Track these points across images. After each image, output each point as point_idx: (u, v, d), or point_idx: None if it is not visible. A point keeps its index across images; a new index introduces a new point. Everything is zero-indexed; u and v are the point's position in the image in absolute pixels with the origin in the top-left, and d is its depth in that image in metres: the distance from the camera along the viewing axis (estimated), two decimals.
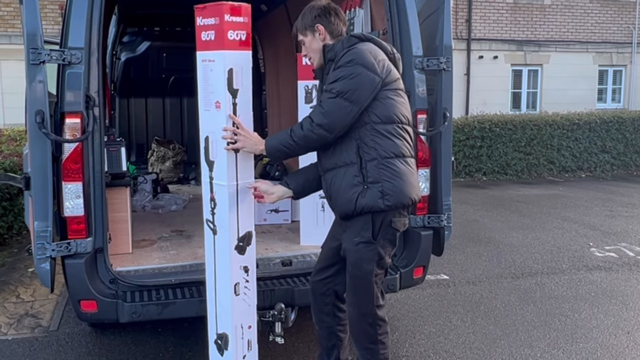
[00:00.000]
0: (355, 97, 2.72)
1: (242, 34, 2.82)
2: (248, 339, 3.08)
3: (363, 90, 2.73)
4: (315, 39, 2.94)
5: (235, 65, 2.82)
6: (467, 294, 5.06)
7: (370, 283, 2.91)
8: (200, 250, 4.12)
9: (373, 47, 2.87)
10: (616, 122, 12.40)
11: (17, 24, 12.27)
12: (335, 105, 2.72)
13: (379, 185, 2.78)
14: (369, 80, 2.74)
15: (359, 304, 2.97)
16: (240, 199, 2.96)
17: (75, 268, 3.15)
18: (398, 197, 2.81)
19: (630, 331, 4.30)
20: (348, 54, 2.78)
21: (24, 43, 2.90)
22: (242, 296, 3.04)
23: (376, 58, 2.80)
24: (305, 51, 3.03)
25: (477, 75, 15.30)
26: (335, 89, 2.73)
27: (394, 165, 2.81)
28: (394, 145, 2.83)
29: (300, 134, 2.78)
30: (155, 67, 7.56)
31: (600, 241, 6.86)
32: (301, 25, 2.98)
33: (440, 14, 3.58)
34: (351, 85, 2.71)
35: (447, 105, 3.58)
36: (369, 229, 2.83)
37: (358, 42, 2.86)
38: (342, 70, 2.75)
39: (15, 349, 4.02)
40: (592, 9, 16.30)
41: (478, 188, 10.69)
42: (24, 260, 5.83)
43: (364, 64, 2.74)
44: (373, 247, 2.85)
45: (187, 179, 7.40)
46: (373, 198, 2.78)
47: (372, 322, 2.95)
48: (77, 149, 3.08)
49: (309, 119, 2.78)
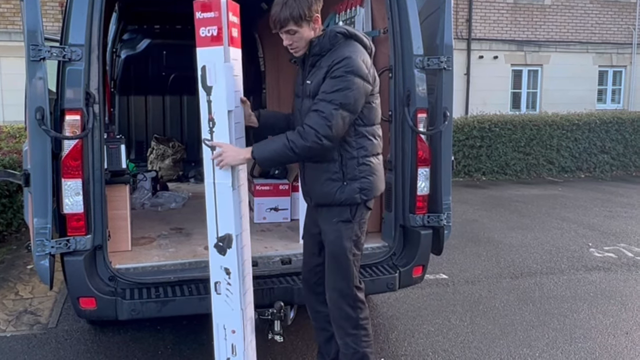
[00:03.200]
0: (354, 107, 2.81)
1: (213, 29, 2.76)
2: (232, 343, 3.03)
3: (360, 101, 2.83)
4: (310, 29, 2.86)
5: (207, 62, 2.79)
6: (466, 294, 5.06)
7: (348, 261, 2.97)
8: (199, 248, 4.12)
9: (360, 49, 2.87)
10: (616, 122, 12.41)
11: (17, 21, 12.26)
12: (339, 116, 2.75)
13: (358, 182, 2.92)
14: (365, 90, 2.83)
15: (339, 285, 3.00)
16: (219, 200, 2.91)
17: (75, 265, 3.14)
18: (373, 192, 2.99)
19: (629, 331, 4.30)
20: (344, 63, 2.75)
21: (24, 40, 2.90)
22: (224, 297, 2.99)
23: (367, 65, 2.84)
24: (291, 41, 2.88)
25: (477, 75, 15.31)
26: (337, 101, 2.74)
27: (371, 163, 2.96)
28: (372, 145, 2.96)
29: (304, 145, 2.76)
30: (155, 65, 7.55)
31: (599, 241, 6.86)
32: (296, 15, 2.78)
33: (441, 13, 3.57)
34: (352, 98, 2.77)
35: (447, 105, 3.57)
36: (346, 212, 2.95)
37: (343, 39, 2.87)
38: (341, 81, 2.75)
39: (14, 345, 4.01)
40: (592, 10, 16.30)
41: (477, 188, 10.70)
42: (23, 257, 5.83)
43: (360, 75, 2.78)
44: (351, 225, 2.96)
45: (186, 176, 7.39)
46: (351, 194, 2.91)
47: (353, 305, 3.00)
48: (76, 146, 3.08)
49: (312, 130, 2.74)
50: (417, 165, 3.64)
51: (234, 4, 2.85)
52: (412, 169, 3.63)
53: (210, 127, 2.89)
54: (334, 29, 2.90)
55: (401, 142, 3.67)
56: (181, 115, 7.91)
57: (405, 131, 3.64)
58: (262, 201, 4.88)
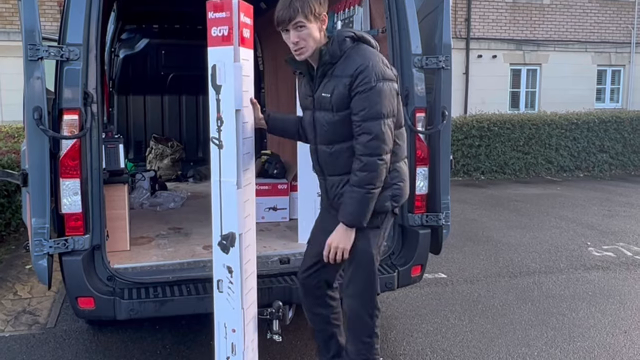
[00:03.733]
0: (393, 110, 2.73)
1: (224, 29, 2.76)
2: (232, 342, 3.01)
3: (395, 102, 2.75)
4: (318, 29, 2.71)
5: (218, 61, 2.80)
6: (464, 293, 5.07)
7: (374, 269, 2.93)
8: (198, 247, 4.13)
9: (372, 51, 2.77)
10: (614, 122, 12.42)
11: (15, 21, 12.24)
12: (387, 127, 2.68)
13: (389, 189, 2.83)
14: (395, 90, 2.75)
15: (362, 294, 2.95)
16: (224, 198, 2.89)
17: (73, 265, 3.14)
18: (403, 198, 2.93)
19: (628, 330, 4.31)
20: (366, 74, 2.63)
21: (22, 39, 2.90)
22: (226, 295, 2.99)
23: (387, 65, 2.74)
24: (298, 38, 2.71)
25: (476, 74, 15.31)
26: (379, 114, 2.65)
27: (400, 169, 2.88)
28: (400, 149, 2.88)
29: (374, 176, 2.67)
30: (153, 65, 7.54)
31: (598, 240, 6.87)
32: (306, 8, 2.64)
33: (440, 13, 3.57)
34: (388, 105, 2.68)
35: (445, 104, 3.57)
36: (376, 219, 2.85)
37: (351, 43, 2.75)
38: (373, 94, 2.64)
39: (13, 345, 4.01)
40: (591, 9, 16.31)
41: (476, 187, 10.70)
42: (21, 257, 5.82)
43: (386, 78, 2.69)
44: (379, 232, 2.90)
45: (185, 176, 7.39)
46: (383, 202, 2.82)
47: (372, 313, 2.97)
48: (75, 145, 3.07)
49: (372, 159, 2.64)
50: (416, 165, 3.63)
51: (246, 5, 2.85)
52: (410, 168, 3.61)
53: (218, 125, 2.88)
54: (341, 33, 2.78)
55: None
56: (180, 115, 7.91)
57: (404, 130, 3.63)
58: (261, 201, 4.87)
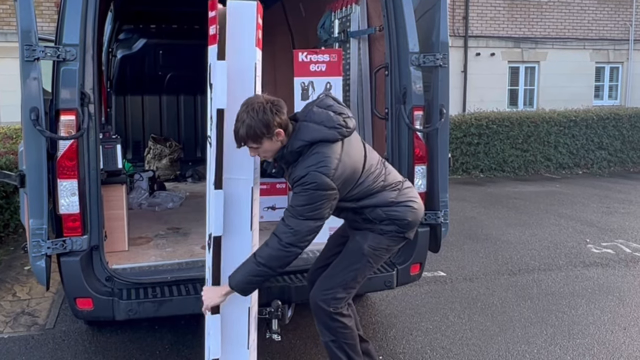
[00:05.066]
0: (319, 215, 2.76)
1: (213, 28, 2.81)
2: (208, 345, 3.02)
3: (326, 209, 2.78)
4: (273, 142, 2.76)
5: (211, 59, 2.84)
6: (464, 291, 5.06)
7: (359, 261, 2.99)
8: (196, 247, 4.12)
9: (323, 153, 2.73)
10: (613, 119, 12.42)
11: (12, 22, 12.21)
12: (304, 225, 2.74)
13: (389, 221, 2.97)
14: (328, 198, 2.75)
15: (331, 277, 3.02)
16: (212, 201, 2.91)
17: (71, 266, 3.14)
18: (410, 225, 3.03)
19: (627, 327, 4.31)
20: (301, 181, 2.71)
21: (18, 40, 2.89)
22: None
23: (330, 173, 2.71)
24: (255, 153, 2.83)
25: (475, 72, 15.30)
26: (299, 214, 2.74)
27: (397, 207, 2.97)
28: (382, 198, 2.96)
29: (269, 254, 2.76)
30: (151, 65, 7.54)
31: (597, 238, 6.87)
32: (252, 134, 2.69)
33: (437, 11, 3.57)
34: (314, 209, 2.73)
35: (443, 102, 3.57)
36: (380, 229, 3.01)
37: (304, 149, 2.76)
38: (301, 196, 2.73)
39: (12, 347, 4.00)
40: (589, 6, 16.31)
41: (475, 185, 10.70)
42: (20, 258, 5.81)
43: (319, 187, 2.71)
44: (380, 237, 3.00)
45: (183, 176, 7.39)
46: (385, 226, 2.98)
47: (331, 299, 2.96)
48: (72, 146, 3.07)
49: (276, 238, 2.75)
50: (414, 163, 3.64)
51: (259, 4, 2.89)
52: (408, 166, 3.63)
53: (210, 124, 2.89)
54: (293, 143, 2.77)
55: (397, 140, 3.66)
56: (178, 115, 7.91)
57: (402, 129, 3.64)
58: (260, 200, 4.86)
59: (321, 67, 4.06)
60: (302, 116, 2.87)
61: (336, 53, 4.11)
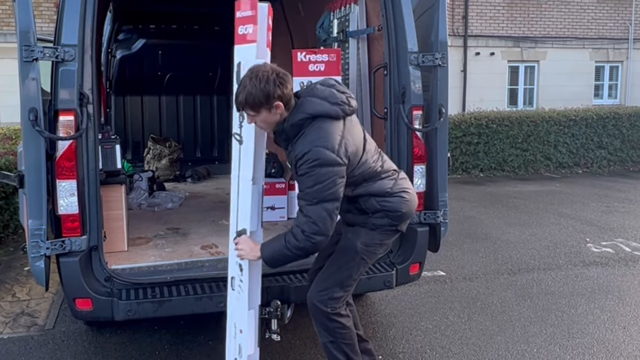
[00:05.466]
0: (333, 195, 2.69)
1: (249, 27, 2.88)
2: (239, 344, 3.04)
3: (337, 185, 2.70)
4: (272, 115, 2.73)
5: (242, 58, 2.89)
6: (463, 290, 5.06)
7: (352, 259, 2.97)
8: (195, 248, 4.12)
9: (325, 129, 2.70)
10: (613, 118, 12.41)
11: (12, 22, 12.18)
12: (321, 210, 2.67)
13: (382, 213, 2.94)
14: (337, 174, 2.70)
15: (327, 278, 2.99)
16: (240, 195, 2.96)
17: (70, 266, 3.14)
18: (402, 217, 3.00)
19: (627, 326, 4.31)
20: (305, 159, 2.65)
21: (17, 41, 2.89)
22: (237, 294, 3.03)
23: (334, 148, 2.67)
24: (252, 120, 2.80)
25: (474, 71, 15.29)
26: (313, 198, 2.67)
27: (390, 198, 2.94)
28: (379, 187, 2.93)
29: (297, 245, 2.72)
30: (151, 65, 7.53)
31: (596, 237, 6.87)
32: (251, 102, 2.67)
33: (436, 10, 3.57)
34: (325, 189, 2.66)
35: (442, 101, 3.57)
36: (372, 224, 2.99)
37: (306, 123, 2.72)
38: (309, 177, 2.67)
39: (11, 347, 4.00)
40: (588, 5, 16.29)
41: (475, 184, 10.69)
42: (20, 259, 5.81)
43: (325, 163, 2.65)
44: (372, 233, 2.98)
45: (183, 176, 7.38)
46: (377, 219, 2.96)
47: (327, 299, 2.94)
48: (71, 146, 3.07)
49: (299, 230, 2.69)
50: (413, 163, 3.64)
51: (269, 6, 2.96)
52: (407, 166, 3.63)
53: (240, 121, 2.94)
54: (294, 116, 2.74)
55: (396, 140, 3.66)
56: (177, 115, 7.90)
57: (401, 128, 3.64)
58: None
59: (320, 67, 4.05)
60: (305, 92, 2.86)
61: (335, 53, 4.12)
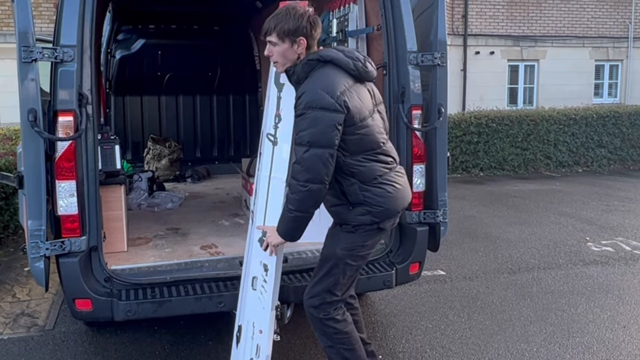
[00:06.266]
0: (326, 141, 2.65)
1: None
2: (257, 344, 3.05)
3: (331, 132, 2.65)
4: (292, 50, 2.80)
5: None
6: (463, 290, 5.06)
7: (335, 268, 2.89)
8: (195, 248, 4.12)
9: (332, 76, 2.72)
10: (613, 116, 12.41)
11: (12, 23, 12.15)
12: (314, 156, 2.64)
13: (363, 206, 2.82)
14: (333, 120, 2.65)
15: (314, 285, 2.96)
16: (271, 193, 2.99)
17: (70, 267, 3.14)
18: (385, 212, 2.85)
19: (627, 325, 4.31)
20: (302, 99, 2.66)
21: (16, 41, 2.89)
22: (258, 294, 3.06)
23: (335, 94, 2.66)
24: (270, 52, 2.84)
25: (474, 71, 15.29)
26: (304, 140, 2.65)
27: (376, 187, 2.82)
28: (371, 170, 2.82)
29: (294, 199, 2.70)
30: (150, 65, 7.53)
31: (596, 236, 6.87)
32: (280, 30, 2.76)
33: (435, 10, 3.57)
34: (318, 133, 2.63)
35: (442, 101, 3.57)
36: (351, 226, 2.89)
37: (318, 65, 2.76)
38: (304, 119, 2.65)
39: (11, 348, 4.01)
40: (588, 4, 16.29)
41: (475, 184, 10.69)
42: (20, 259, 5.82)
43: (322, 106, 2.63)
44: (352, 236, 2.88)
45: (183, 176, 7.39)
46: (358, 215, 2.84)
47: (318, 306, 2.91)
48: (70, 147, 3.07)
49: (294, 181, 2.69)
50: (413, 162, 3.64)
51: None
52: (407, 165, 3.63)
53: (275, 122, 3.00)
54: (308, 56, 2.79)
55: (396, 139, 3.66)
56: (177, 116, 7.90)
57: (400, 128, 3.64)
58: None
59: None
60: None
61: None
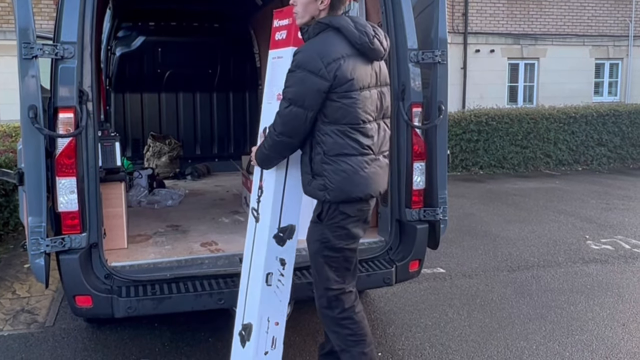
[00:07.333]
0: (307, 103, 2.72)
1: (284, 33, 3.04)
2: (273, 336, 3.09)
3: (313, 96, 2.71)
4: (315, 5, 2.82)
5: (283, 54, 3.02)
6: (463, 287, 5.07)
7: (318, 263, 2.95)
8: (195, 245, 4.12)
9: (332, 42, 2.74)
10: (613, 115, 12.41)
11: (11, 20, 12.16)
12: (291, 113, 2.75)
13: (322, 179, 2.83)
14: (317, 85, 2.69)
15: (315, 285, 3.03)
16: (287, 190, 3.01)
17: (70, 263, 3.14)
18: (339, 193, 2.82)
19: (626, 323, 4.31)
20: (295, 58, 2.75)
21: (16, 38, 2.89)
22: (274, 288, 3.07)
23: (327, 61, 2.68)
24: (295, 2, 2.88)
25: (474, 69, 15.28)
26: (287, 96, 2.75)
27: (336, 163, 2.80)
28: (338, 145, 2.79)
29: (269, 143, 2.86)
30: (150, 62, 7.52)
31: (596, 234, 6.87)
32: None
33: (435, 7, 3.57)
34: (301, 93, 2.71)
35: (442, 99, 3.57)
36: (318, 210, 2.93)
37: (325, 29, 2.79)
38: (292, 76, 2.74)
39: (11, 344, 4.01)
40: (588, 2, 16.27)
41: (475, 182, 10.70)
42: (20, 256, 5.82)
43: (310, 69, 2.68)
44: (319, 227, 2.91)
45: (183, 174, 7.39)
46: (316, 189, 2.86)
47: (326, 305, 2.97)
48: (70, 143, 3.07)
49: (272, 127, 2.83)
50: (413, 160, 3.64)
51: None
52: (407, 163, 3.63)
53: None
54: (322, 18, 2.84)
55: (396, 137, 3.66)
56: (177, 113, 7.90)
57: (401, 126, 3.64)
58: None
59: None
60: None
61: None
